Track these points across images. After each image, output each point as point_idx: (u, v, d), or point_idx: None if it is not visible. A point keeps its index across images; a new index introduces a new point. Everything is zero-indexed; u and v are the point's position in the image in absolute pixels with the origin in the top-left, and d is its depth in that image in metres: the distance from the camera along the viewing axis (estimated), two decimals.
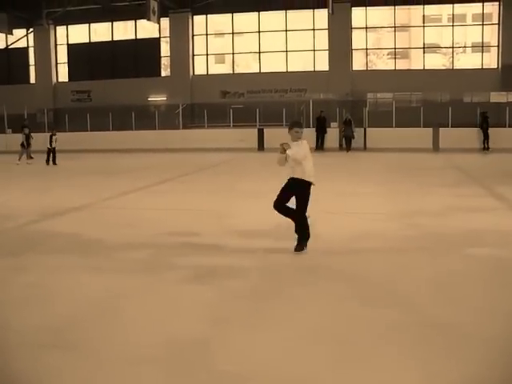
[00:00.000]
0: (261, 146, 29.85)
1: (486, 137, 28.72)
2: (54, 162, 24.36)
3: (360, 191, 14.57)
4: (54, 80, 40.73)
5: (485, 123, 28.82)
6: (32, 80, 41.46)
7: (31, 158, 25.76)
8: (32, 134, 26.17)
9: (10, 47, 41.39)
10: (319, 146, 28.96)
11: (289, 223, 8.73)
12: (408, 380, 4.41)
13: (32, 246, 9.38)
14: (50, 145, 24.36)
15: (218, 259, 8.20)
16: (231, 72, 37.71)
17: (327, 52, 35.80)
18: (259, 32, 36.86)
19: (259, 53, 37.05)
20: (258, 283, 7.12)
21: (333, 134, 29.96)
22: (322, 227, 9.67)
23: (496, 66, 35.22)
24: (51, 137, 24.49)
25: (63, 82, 40.71)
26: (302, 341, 5.22)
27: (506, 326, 5.48)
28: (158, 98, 37.13)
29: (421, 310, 5.91)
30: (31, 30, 40.51)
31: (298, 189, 8.25)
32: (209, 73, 37.89)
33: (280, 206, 8.30)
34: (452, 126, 29.75)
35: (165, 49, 38.72)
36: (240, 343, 5.20)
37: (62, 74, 41.09)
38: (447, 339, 5.13)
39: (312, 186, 8.24)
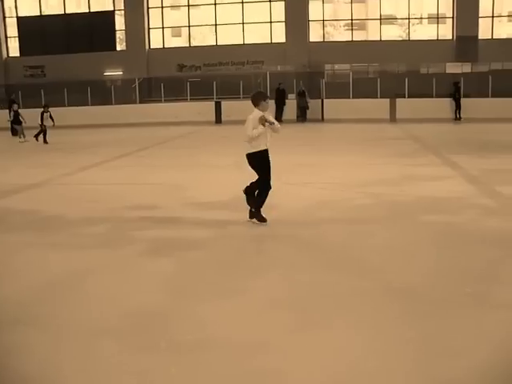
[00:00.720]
0: (218, 119, 29.78)
1: (458, 107, 29.10)
2: (45, 141, 22.53)
3: (317, 162, 14.68)
4: (5, 55, 39.83)
5: (457, 93, 29.20)
6: None
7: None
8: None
9: None
10: (278, 117, 29.00)
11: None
12: (365, 345, 4.52)
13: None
14: (42, 122, 22.51)
15: (176, 232, 8.23)
16: (188, 45, 37.40)
17: (284, 23, 35.71)
18: (215, 4, 36.56)
19: (215, 25, 36.77)
20: (216, 254, 7.17)
21: (291, 105, 30.01)
22: (280, 198, 9.75)
23: (451, 37, 35.62)
24: (43, 114, 22.62)
25: (14, 57, 39.84)
26: (261, 309, 5.29)
27: (456, 287, 5.64)
28: (114, 73, 36.67)
29: (377, 276, 6.04)
30: None
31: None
32: (165, 46, 37.53)
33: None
34: (409, 97, 30.04)
35: (120, 22, 38.15)
36: (200, 313, 5.25)
37: (13, 48, 40.18)
38: (402, 303, 5.26)
39: None
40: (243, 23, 36.27)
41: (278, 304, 5.39)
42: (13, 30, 39.93)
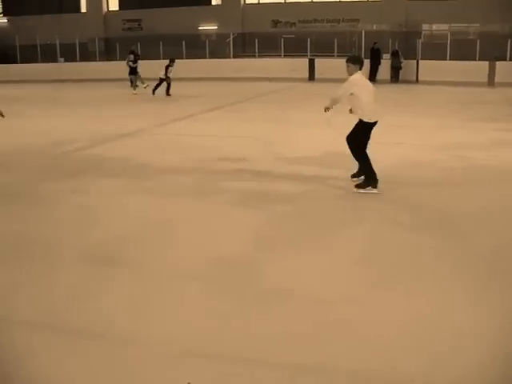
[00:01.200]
0: (311, 76, 29.55)
1: None
2: (168, 93, 22.59)
3: (407, 123, 14.46)
4: (105, 9, 40.65)
5: None
6: (83, 9, 41.45)
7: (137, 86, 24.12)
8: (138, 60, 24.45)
9: None
10: (372, 77, 28.46)
11: (337, 152, 8.80)
12: (439, 307, 4.53)
13: (87, 169, 9.67)
14: (166, 75, 22.40)
15: (266, 185, 8.34)
16: (283, 1, 37.02)
17: None
18: None
19: None
20: (305, 209, 7.25)
21: (386, 65, 29.40)
22: (372, 157, 9.71)
23: None
24: (167, 67, 22.43)
25: (114, 11, 40.60)
26: (343, 264, 5.36)
27: None
28: (209, 27, 36.84)
29: (463, 240, 5.99)
30: None
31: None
32: (260, 1, 37.29)
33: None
34: (510, 60, 28.83)
35: None
36: (285, 265, 5.37)
37: (113, 2, 40.93)
38: (486, 270, 5.21)
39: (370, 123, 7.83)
40: None
41: (362, 260, 5.45)
42: None
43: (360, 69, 7.86)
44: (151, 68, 23.62)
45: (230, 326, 4.24)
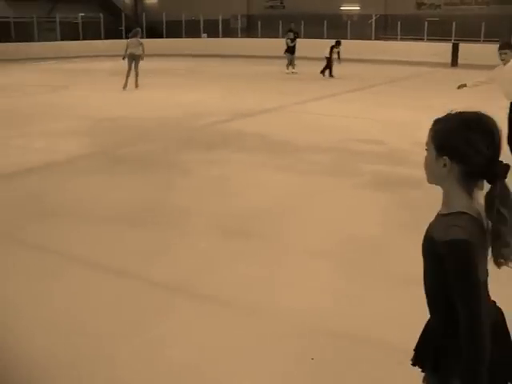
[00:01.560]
0: (454, 62, 28.55)
1: None
2: (330, 74, 22.57)
3: None
4: None
5: None
6: None
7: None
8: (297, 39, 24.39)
9: None
10: None
11: None
12: None
13: (225, 142, 9.93)
14: (330, 56, 22.38)
15: (399, 168, 8.25)
16: None
17: None
18: None
19: None
20: (437, 194, 7.09)
21: None
22: None
23: None
24: (332, 48, 22.47)
25: None
26: None
27: None
28: (351, 8, 36.41)
29: None
30: None
31: None
32: None
33: None
34: None
35: None
36: (413, 250, 5.28)
37: None
38: None
39: None
40: None
41: None
42: None
43: None
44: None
45: (356, 308, 4.25)
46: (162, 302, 4.42)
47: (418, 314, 4.14)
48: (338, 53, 22.78)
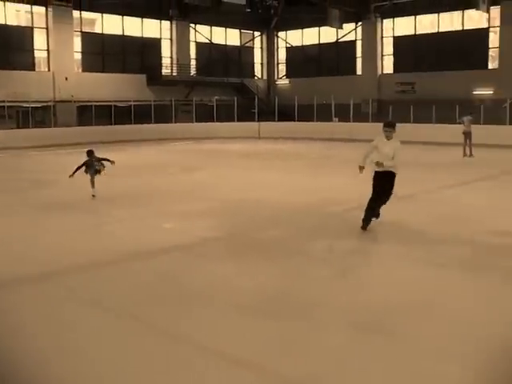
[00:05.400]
0: None
1: None
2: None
3: None
4: (379, 71, 41.59)
5: None
6: (358, 71, 42.86)
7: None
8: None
9: (340, 41, 43.33)
10: None
11: None
12: None
13: (357, 231, 9.87)
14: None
15: None
16: None
17: None
18: None
19: None
20: None
21: None
22: None
23: None
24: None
25: (388, 74, 41.36)
26: None
27: None
28: (484, 92, 35.83)
29: None
30: (359, 23, 41.91)
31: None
32: None
33: None
34: None
35: (493, 39, 37.16)
36: None
37: (387, 65, 41.77)
38: None
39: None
40: None
41: None
42: (388, 48, 41.52)
43: None
44: (421, 132, 23.50)
45: None
46: None
47: None
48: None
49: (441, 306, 6.39)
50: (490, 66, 37.35)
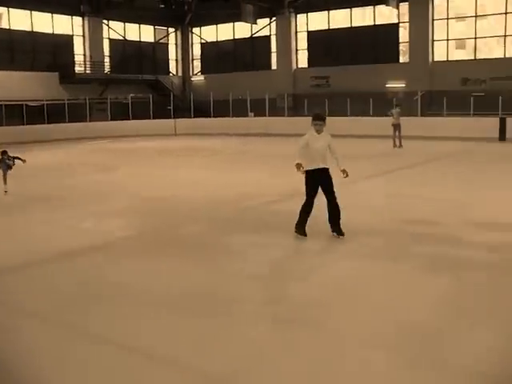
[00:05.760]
0: (502, 136, 28.37)
1: None
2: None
3: None
4: (294, 66, 42.02)
5: None
6: (273, 66, 43.18)
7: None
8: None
9: (254, 36, 43.55)
10: None
11: None
12: None
13: (273, 224, 9.95)
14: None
15: (456, 250, 8.11)
16: (472, 58, 36.12)
17: None
18: (506, 13, 34.70)
19: (504, 36, 34.98)
20: (496, 279, 6.93)
21: None
22: None
23: None
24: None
25: (302, 68, 41.84)
26: None
27: None
28: (397, 85, 36.72)
29: None
30: (274, 18, 42.22)
31: None
32: (449, 59, 36.66)
33: None
34: None
35: (403, 34, 38.13)
36: (476, 339, 5.14)
37: (302, 60, 42.24)
38: None
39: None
40: None
41: None
42: (303, 43, 41.99)
43: None
44: (336, 125, 23.82)
45: None
46: None
47: None
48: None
49: (364, 295, 6.44)
50: (402, 60, 38.29)
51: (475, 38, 35.98)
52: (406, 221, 9.97)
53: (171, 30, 47.36)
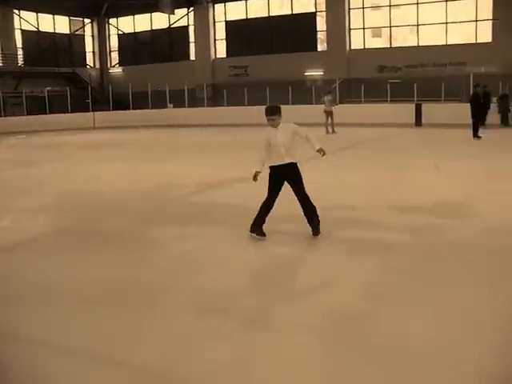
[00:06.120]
0: (418, 122, 29.14)
1: None
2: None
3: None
4: (213, 56, 41.94)
5: None
6: (192, 57, 42.98)
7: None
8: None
9: (172, 26, 43.19)
10: (482, 121, 27.52)
11: (448, 198, 8.61)
12: None
13: (193, 215, 9.89)
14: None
15: (374, 233, 8.25)
16: (388, 46, 36.95)
17: (491, 22, 33.89)
18: (417, 4, 35.65)
19: (417, 25, 35.93)
20: (415, 260, 7.10)
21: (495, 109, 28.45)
22: (482, 206, 9.51)
23: None
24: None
25: (221, 58, 41.82)
26: (459, 321, 5.20)
27: None
28: (315, 73, 37.17)
29: None
30: (191, 9, 41.97)
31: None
32: (365, 47, 37.36)
33: None
34: None
35: (321, 23, 38.61)
36: (398, 319, 5.25)
37: (220, 50, 42.20)
38: None
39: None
40: (446, 23, 35.08)
41: (473, 316, 5.27)
42: (221, 33, 41.94)
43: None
44: (255, 114, 23.90)
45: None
46: None
47: None
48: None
49: (288, 281, 6.49)
50: (320, 49, 38.79)
51: (390, 27, 36.79)
52: (327, 207, 10.06)
53: (87, 21, 46.39)
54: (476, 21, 34.49)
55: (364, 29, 37.44)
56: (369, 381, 4.18)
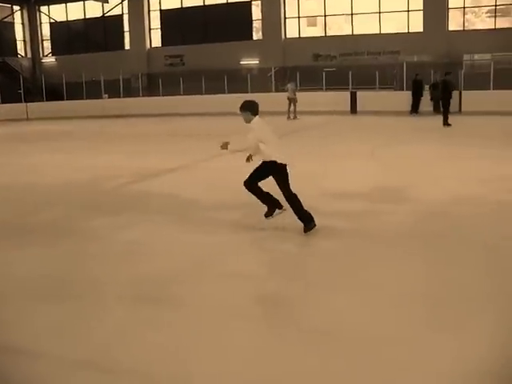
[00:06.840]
0: (353, 109, 29.54)
1: None
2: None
3: (451, 155, 14.29)
4: (148, 45, 41.48)
5: None
6: (127, 46, 42.41)
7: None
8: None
9: (106, 15, 42.49)
10: (415, 109, 28.16)
11: (383, 185, 8.73)
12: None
13: (131, 205, 9.80)
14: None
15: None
16: (323, 35, 37.24)
17: (422, 12, 34.61)
18: None
19: (351, 14, 36.33)
20: (352, 246, 7.19)
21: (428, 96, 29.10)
22: (419, 191, 9.70)
23: None
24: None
25: (156, 48, 41.41)
26: (391, 303, 5.29)
27: None
28: (251, 62, 37.20)
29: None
30: None
31: (270, 172, 8.03)
32: (301, 36, 37.57)
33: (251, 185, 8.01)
34: None
35: (256, 12, 38.64)
36: (330, 303, 5.31)
37: (155, 39, 41.77)
38: None
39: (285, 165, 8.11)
40: (380, 12, 35.59)
41: (408, 299, 5.37)
42: (156, 22, 41.49)
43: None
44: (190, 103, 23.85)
45: (274, 367, 4.20)
46: (75, 379, 4.22)
47: (338, 368, 4.18)
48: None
49: (222, 267, 6.47)
50: (255, 37, 38.80)
51: (325, 16, 37.05)
52: None
53: (16, 7, 45.10)
54: (408, 11, 35.05)
55: (299, 17, 37.61)
56: (296, 363, 4.22)
